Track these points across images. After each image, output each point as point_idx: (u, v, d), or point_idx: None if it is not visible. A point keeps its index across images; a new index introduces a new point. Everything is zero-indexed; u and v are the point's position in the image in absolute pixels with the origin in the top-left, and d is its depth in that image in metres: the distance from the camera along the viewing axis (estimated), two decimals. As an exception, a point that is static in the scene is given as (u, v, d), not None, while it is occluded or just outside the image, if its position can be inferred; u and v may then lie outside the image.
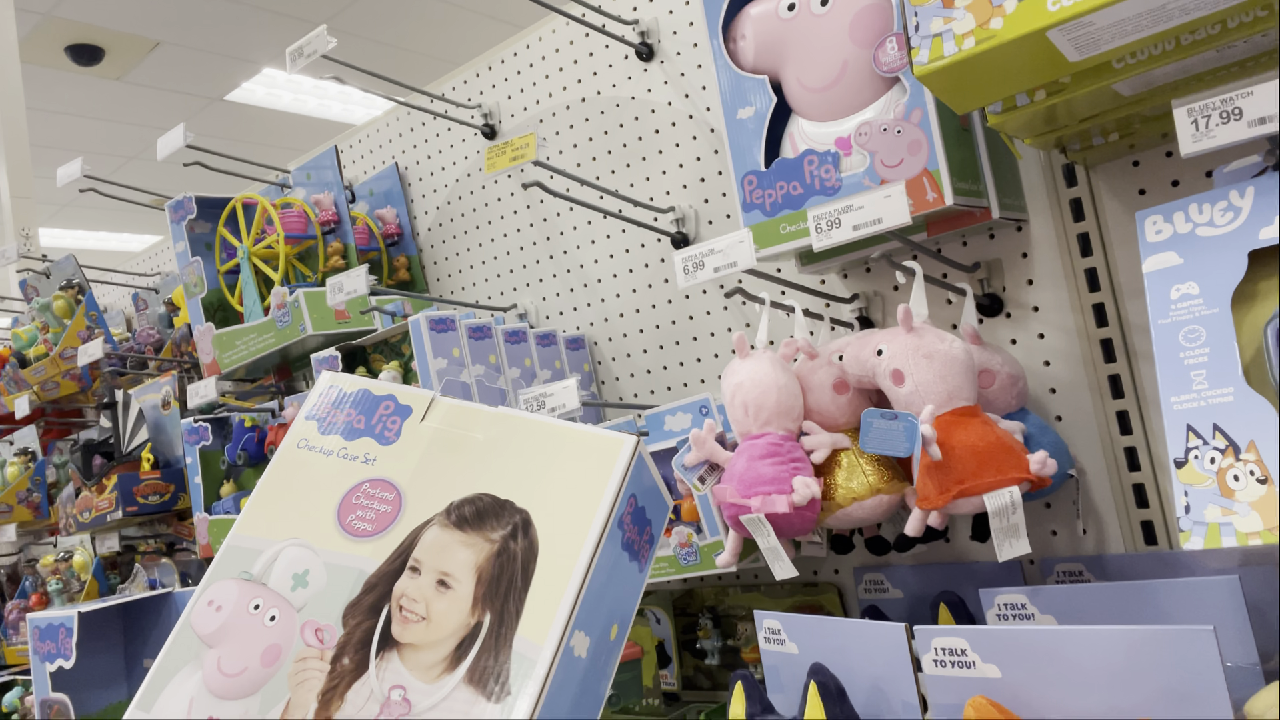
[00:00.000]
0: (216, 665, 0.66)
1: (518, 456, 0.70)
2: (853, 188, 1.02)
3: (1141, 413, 1.05)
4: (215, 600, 0.68)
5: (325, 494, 0.71)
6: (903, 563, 1.23)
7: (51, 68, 4.89)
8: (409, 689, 0.62)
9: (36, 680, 1.54)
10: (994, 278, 1.14)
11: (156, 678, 0.66)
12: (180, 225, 1.80)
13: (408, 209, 1.87)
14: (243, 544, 0.70)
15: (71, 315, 2.19)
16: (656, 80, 1.48)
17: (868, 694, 0.91)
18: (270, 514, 0.71)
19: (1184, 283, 0.73)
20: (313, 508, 0.71)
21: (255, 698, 0.63)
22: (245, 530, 0.71)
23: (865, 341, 1.02)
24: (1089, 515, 1.08)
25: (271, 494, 0.73)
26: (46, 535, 2.51)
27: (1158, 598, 0.87)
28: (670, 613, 1.46)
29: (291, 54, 1.40)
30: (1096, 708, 0.74)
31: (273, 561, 0.69)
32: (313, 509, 0.70)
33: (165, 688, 0.65)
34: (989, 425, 0.94)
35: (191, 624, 0.68)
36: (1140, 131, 0.96)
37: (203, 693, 0.64)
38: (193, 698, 0.64)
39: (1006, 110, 0.86)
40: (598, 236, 1.58)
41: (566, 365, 1.55)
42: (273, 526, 0.70)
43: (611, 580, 0.67)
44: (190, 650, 0.67)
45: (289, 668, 0.64)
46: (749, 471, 1.02)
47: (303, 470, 0.73)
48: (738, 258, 1.02)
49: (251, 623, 0.67)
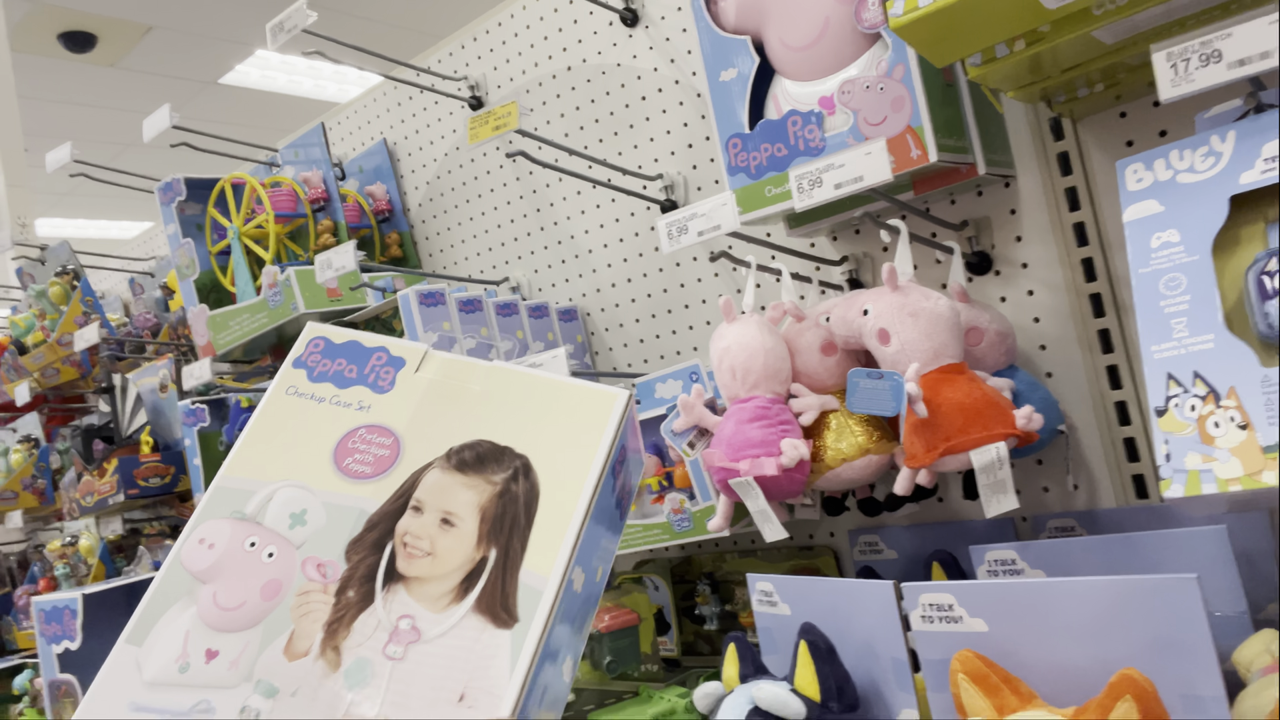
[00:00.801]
0: (212, 599, 0.64)
1: (514, 408, 0.71)
2: (837, 147, 1.01)
3: (1131, 366, 1.05)
4: (207, 538, 0.67)
5: (319, 438, 0.70)
6: (897, 523, 1.23)
7: (45, 56, 4.87)
8: (417, 618, 0.62)
9: (44, 662, 1.56)
10: (982, 235, 1.13)
11: (146, 613, 0.64)
12: (170, 207, 1.80)
13: (397, 185, 1.87)
14: (232, 485, 0.69)
15: (68, 301, 2.19)
16: (641, 46, 1.47)
17: (858, 652, 0.92)
18: (261, 456, 0.70)
19: (1165, 230, 0.73)
20: (307, 451, 0.70)
21: (256, 630, 0.63)
22: (235, 472, 0.70)
23: (851, 302, 1.01)
24: (1080, 470, 1.08)
25: (261, 437, 0.71)
26: (52, 521, 2.53)
27: (1146, 549, 0.87)
28: (669, 580, 1.47)
29: (272, 29, 1.39)
30: (1083, 658, 0.74)
31: (267, 501, 0.68)
32: (307, 452, 0.70)
33: (156, 623, 0.63)
34: (976, 382, 0.94)
35: (182, 561, 0.66)
36: (1125, 81, 0.95)
37: (199, 626, 0.63)
38: (188, 631, 0.63)
39: (987, 62, 0.85)
40: (587, 207, 1.57)
41: (559, 336, 1.55)
42: (264, 468, 0.69)
43: (601, 524, 0.69)
44: (181, 587, 0.65)
45: (290, 601, 0.63)
46: (737, 435, 1.01)
47: (293, 416, 0.72)
48: (721, 220, 1.01)
49: (248, 559, 0.66)
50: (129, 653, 0.62)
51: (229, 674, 0.61)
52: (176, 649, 0.62)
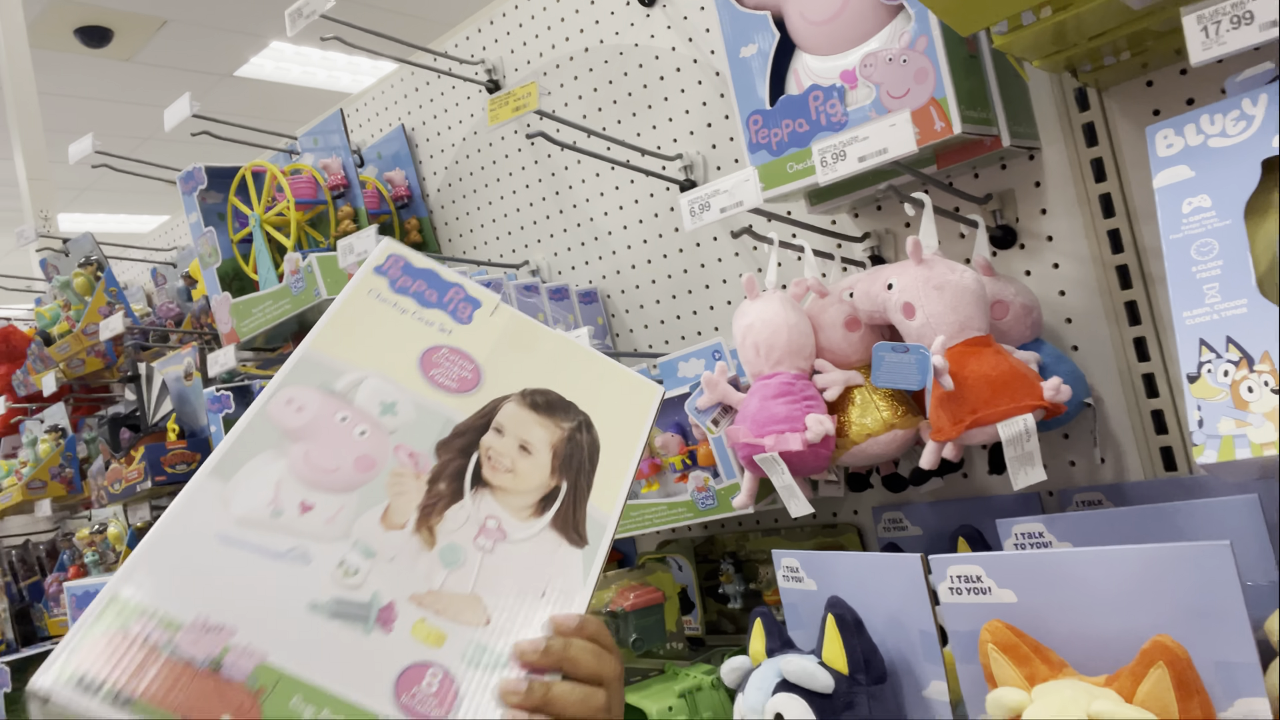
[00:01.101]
0: (305, 457, 0.65)
1: (577, 374, 0.76)
2: (859, 121, 1.00)
3: (1159, 338, 1.04)
4: (295, 400, 0.67)
5: (406, 344, 0.72)
6: (921, 500, 1.23)
7: (62, 51, 4.90)
8: (503, 521, 0.68)
9: (77, 645, 1.58)
10: (1007, 209, 1.12)
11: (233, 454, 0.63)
12: (192, 196, 1.81)
13: (416, 170, 1.87)
14: (319, 359, 0.69)
15: (91, 292, 2.21)
16: (659, 25, 1.46)
17: (886, 625, 0.92)
18: (347, 342, 0.70)
19: (1196, 196, 0.72)
20: (394, 351, 0.71)
21: (352, 495, 0.64)
22: (322, 348, 0.70)
23: (875, 277, 1.01)
24: (1107, 443, 1.07)
25: (345, 326, 0.71)
26: (80, 509, 2.56)
27: (1175, 520, 0.86)
28: (692, 559, 1.47)
29: (290, 15, 1.39)
30: (1114, 628, 0.74)
31: (357, 385, 0.69)
32: (394, 352, 0.71)
33: (244, 464, 0.63)
34: (1002, 355, 0.93)
35: (270, 415, 0.66)
36: (1153, 49, 0.94)
37: (291, 479, 0.63)
38: (279, 481, 0.63)
39: (1013, 29, 0.84)
40: (606, 189, 1.57)
41: (580, 318, 1.55)
42: (352, 353, 0.70)
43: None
44: (268, 439, 0.65)
45: (385, 478, 0.66)
46: (762, 411, 1.01)
47: (377, 316, 0.73)
48: (743, 197, 1.01)
49: (340, 430, 0.66)
50: (214, 488, 0.62)
51: (325, 528, 0.63)
52: (268, 494, 0.63)
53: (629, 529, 1.28)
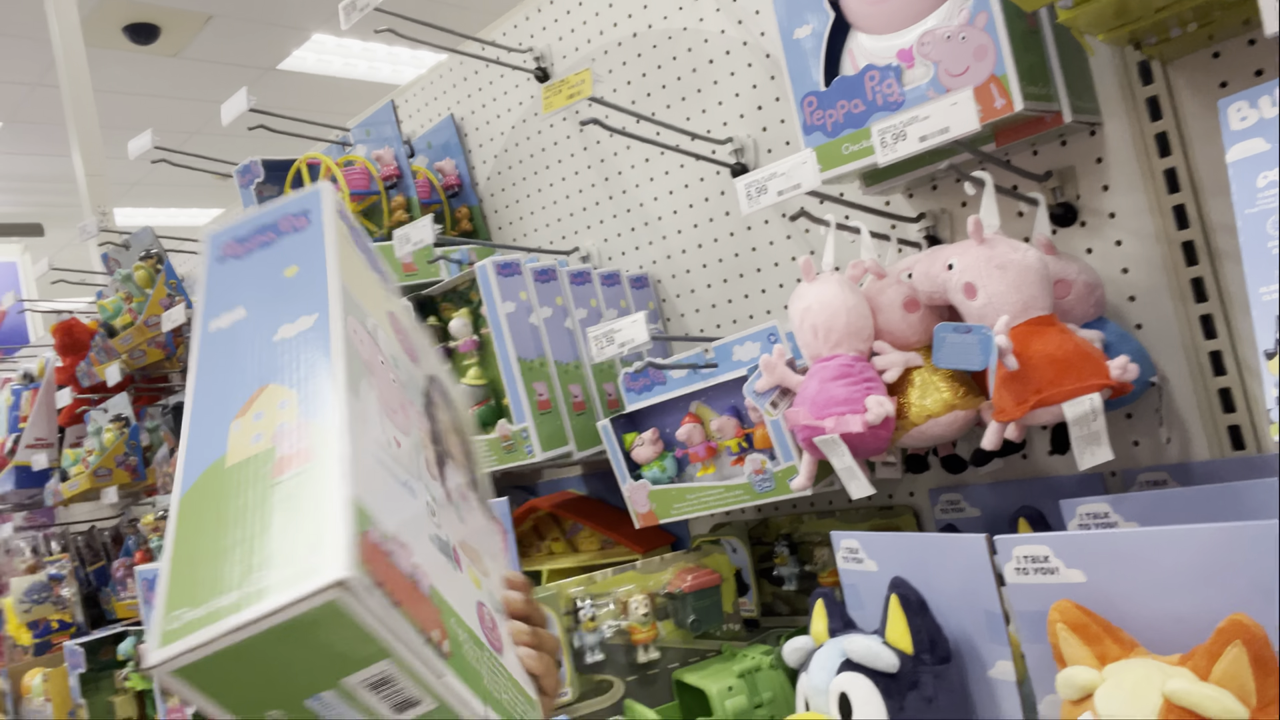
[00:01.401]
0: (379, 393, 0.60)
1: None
2: (917, 101, 0.99)
3: (1226, 315, 1.02)
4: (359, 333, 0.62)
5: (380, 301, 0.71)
6: (979, 481, 1.22)
7: (111, 49, 5.00)
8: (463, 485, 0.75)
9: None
10: (1067, 186, 1.11)
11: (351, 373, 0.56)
12: (249, 190, 1.85)
13: (466, 159, 1.89)
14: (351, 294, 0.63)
15: (152, 284, 2.27)
16: (709, 9, 1.46)
17: (950, 606, 0.92)
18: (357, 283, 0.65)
19: (1271, 169, 0.71)
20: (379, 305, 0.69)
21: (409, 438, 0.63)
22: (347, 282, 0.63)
23: (935, 257, 1.00)
24: (1173, 423, 1.06)
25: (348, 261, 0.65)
26: (144, 496, 2.63)
27: (1244, 499, 0.85)
28: (746, 542, 1.48)
29: (345, 9, 1.41)
30: (1185, 608, 0.73)
31: (376, 330, 0.66)
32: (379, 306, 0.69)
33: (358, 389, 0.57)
34: (1066, 334, 0.92)
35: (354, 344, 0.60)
36: (1220, 20, 0.92)
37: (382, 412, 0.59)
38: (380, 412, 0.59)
39: (1078, 4, 0.83)
40: (656, 174, 1.57)
41: (632, 304, 1.56)
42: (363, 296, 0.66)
43: None
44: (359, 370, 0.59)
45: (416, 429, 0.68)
46: (821, 393, 1.02)
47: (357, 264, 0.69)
48: (801, 179, 1.01)
49: (385, 373, 0.64)
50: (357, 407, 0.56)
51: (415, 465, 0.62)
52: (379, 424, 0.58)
53: (686, 512, 1.29)
